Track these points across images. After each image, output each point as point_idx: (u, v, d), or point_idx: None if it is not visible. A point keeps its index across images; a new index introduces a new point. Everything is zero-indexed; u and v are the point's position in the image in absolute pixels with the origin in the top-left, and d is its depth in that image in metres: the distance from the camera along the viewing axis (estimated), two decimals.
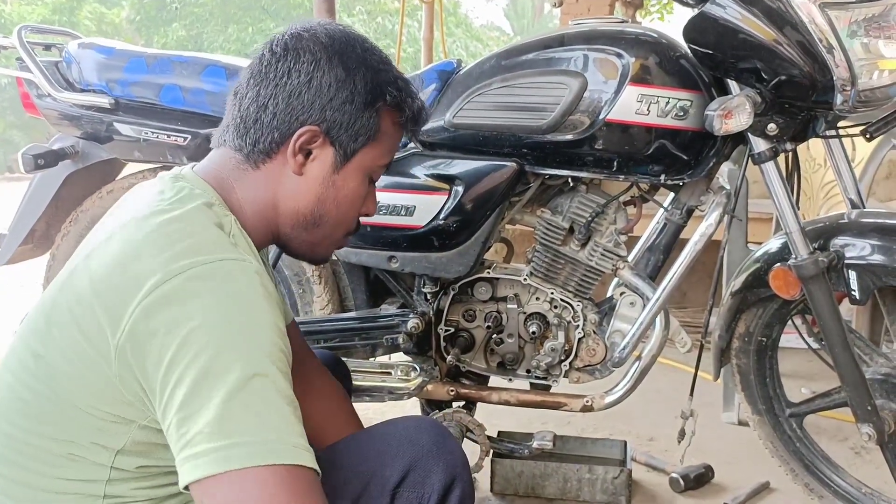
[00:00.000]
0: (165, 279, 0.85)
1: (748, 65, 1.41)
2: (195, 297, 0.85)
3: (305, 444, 0.85)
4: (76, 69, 1.82)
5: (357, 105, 1.03)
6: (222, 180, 1.04)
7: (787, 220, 1.50)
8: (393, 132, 1.11)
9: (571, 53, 1.54)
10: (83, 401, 0.90)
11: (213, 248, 0.90)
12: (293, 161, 1.03)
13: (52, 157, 1.85)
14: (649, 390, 1.67)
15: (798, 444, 1.82)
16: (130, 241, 0.91)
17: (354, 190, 1.08)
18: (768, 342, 1.77)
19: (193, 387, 0.81)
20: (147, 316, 0.84)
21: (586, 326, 1.69)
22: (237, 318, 0.85)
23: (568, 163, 1.57)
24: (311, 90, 1.02)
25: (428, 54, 5.27)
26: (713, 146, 1.53)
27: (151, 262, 0.87)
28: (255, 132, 1.03)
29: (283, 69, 1.02)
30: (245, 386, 0.82)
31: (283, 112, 1.02)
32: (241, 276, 0.88)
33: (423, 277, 1.72)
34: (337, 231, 1.11)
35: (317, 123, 1.02)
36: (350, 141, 1.04)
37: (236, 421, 0.81)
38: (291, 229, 1.08)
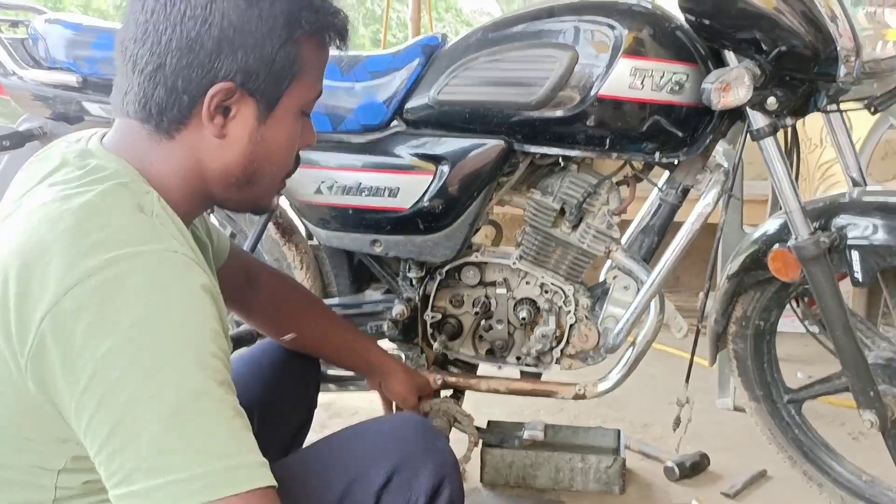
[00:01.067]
0: (76, 281, 0.73)
1: (747, 35, 1.34)
2: (112, 303, 0.73)
3: (258, 459, 0.76)
4: (42, 46, 1.73)
5: (271, 44, 0.88)
6: (136, 153, 0.89)
7: (787, 198, 1.44)
8: (318, 58, 0.96)
9: (561, 25, 1.47)
10: (8, 423, 0.80)
11: (132, 240, 0.77)
12: (211, 125, 0.89)
13: (17, 138, 1.76)
14: (642, 376, 1.61)
15: (796, 431, 1.77)
16: (34, 235, 0.78)
17: (287, 135, 0.95)
18: (766, 326, 1.71)
19: (121, 416, 0.71)
20: (57, 327, 0.73)
21: (578, 311, 1.62)
22: (164, 329, 0.74)
23: (558, 140, 1.50)
24: (212, 39, 0.85)
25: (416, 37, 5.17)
26: (710, 122, 1.47)
27: (60, 260, 0.75)
28: (158, 99, 0.87)
29: (173, 18, 0.85)
30: (181, 409, 0.72)
31: (186, 70, 0.85)
32: (167, 271, 0.77)
33: (408, 262, 1.65)
34: (276, 180, 1.00)
35: (229, 78, 0.87)
36: (271, 87, 0.90)
37: (176, 452, 0.71)
38: (225, 191, 0.95)
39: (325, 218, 1.63)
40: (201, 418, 0.73)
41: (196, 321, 0.77)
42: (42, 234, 0.78)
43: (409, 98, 1.56)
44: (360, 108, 1.57)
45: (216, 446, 0.73)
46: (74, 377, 0.73)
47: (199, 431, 0.73)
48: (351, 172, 1.58)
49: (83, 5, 17.44)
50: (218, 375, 0.77)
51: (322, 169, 1.59)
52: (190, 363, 0.74)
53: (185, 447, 0.72)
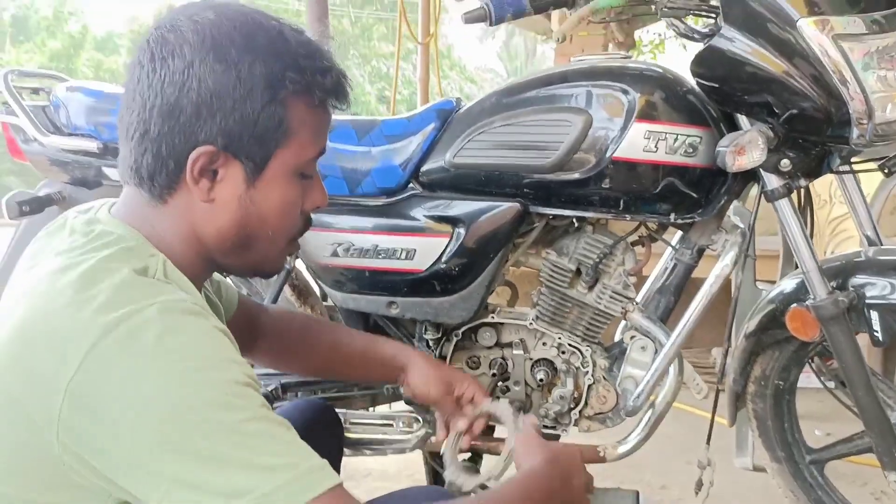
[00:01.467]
0: (92, 345, 0.74)
1: (759, 99, 1.36)
2: (134, 359, 0.74)
3: (319, 461, 0.79)
4: (63, 113, 1.76)
5: (252, 106, 0.86)
6: (139, 219, 0.91)
7: (804, 258, 1.44)
8: (312, 117, 0.93)
9: (575, 90, 1.49)
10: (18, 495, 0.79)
11: (134, 298, 0.77)
12: (196, 189, 0.88)
13: (37, 203, 1.78)
14: (658, 435, 1.59)
15: (820, 493, 1.74)
16: (45, 303, 0.79)
17: (281, 198, 0.93)
18: (785, 386, 1.70)
19: (180, 464, 0.73)
20: (83, 393, 0.73)
21: (596, 372, 1.61)
22: (192, 371, 0.75)
23: (573, 202, 1.51)
24: (191, 103, 0.85)
25: (424, 95, 5.26)
26: (724, 183, 1.48)
27: (70, 322, 0.76)
28: (148, 166, 0.88)
29: (155, 86, 0.85)
30: (236, 440, 0.74)
31: (169, 136, 0.86)
32: (177, 317, 0.78)
33: (424, 323, 1.64)
34: (276, 244, 0.97)
35: (210, 142, 0.86)
36: (256, 149, 0.88)
37: (247, 475, 0.74)
38: (224, 256, 0.95)
39: (340, 280, 1.63)
40: (256, 440, 0.76)
41: (219, 355, 0.79)
42: (45, 306, 0.79)
43: (424, 161, 1.58)
44: (376, 171, 1.59)
45: (278, 460, 0.76)
46: (117, 441, 0.73)
47: (261, 453, 0.75)
48: (367, 235, 1.59)
49: (94, 66, 17.79)
50: (255, 398, 0.79)
51: (338, 232, 1.60)
52: (228, 396, 0.76)
53: (254, 469, 0.74)
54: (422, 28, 5.06)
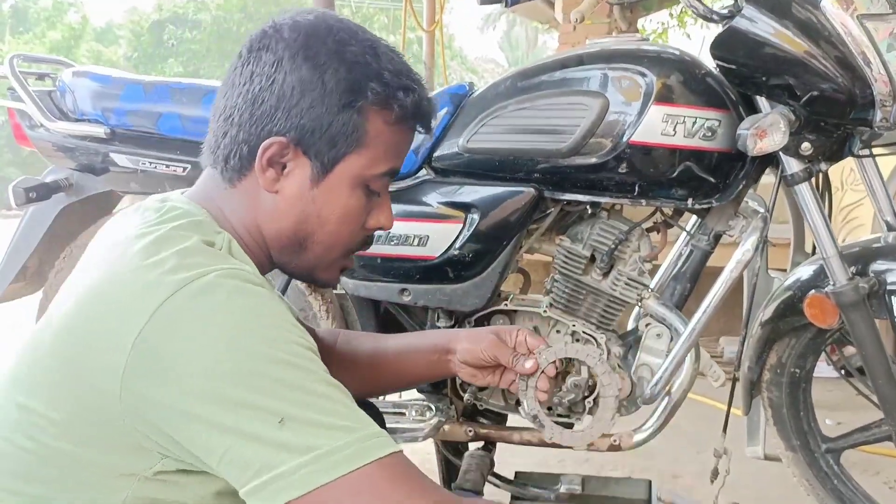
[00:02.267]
0: (163, 300, 0.76)
1: (780, 81, 1.34)
2: (204, 314, 0.76)
3: (377, 429, 0.79)
4: (70, 98, 1.74)
5: (329, 107, 0.89)
6: (209, 199, 0.94)
7: (824, 244, 1.42)
8: (388, 133, 0.94)
9: (591, 73, 1.46)
10: (75, 453, 0.80)
11: (209, 259, 0.80)
12: (263, 178, 0.91)
13: (44, 189, 1.77)
14: (668, 425, 1.58)
15: (835, 482, 1.72)
16: (116, 267, 0.82)
17: (344, 204, 0.94)
18: (802, 374, 1.68)
19: (248, 413, 0.74)
20: (152, 346, 0.75)
21: (611, 360, 1.59)
22: (262, 328, 0.77)
23: (589, 187, 1.49)
24: (273, 96, 0.89)
25: (430, 82, 5.23)
26: (742, 167, 1.45)
27: (138, 283, 0.78)
28: (224, 148, 0.92)
29: (245, 74, 0.91)
30: (304, 396, 0.75)
31: (248, 123, 0.90)
32: (243, 281, 0.80)
33: (437, 311, 1.62)
34: (332, 252, 0.98)
35: (284, 133, 0.90)
36: (327, 149, 0.91)
37: (311, 432, 0.74)
38: (280, 253, 0.97)
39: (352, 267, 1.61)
40: (323, 402, 0.76)
41: (284, 319, 0.80)
42: (122, 265, 0.81)
43: (437, 146, 1.56)
44: None
45: (343, 422, 0.76)
46: (181, 393, 0.74)
47: (324, 413, 0.76)
48: None
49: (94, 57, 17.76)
50: (318, 363, 0.80)
51: None
52: (293, 357, 0.77)
53: (318, 427, 0.75)
54: (427, 15, 5.02)
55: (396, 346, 1.24)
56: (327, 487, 0.72)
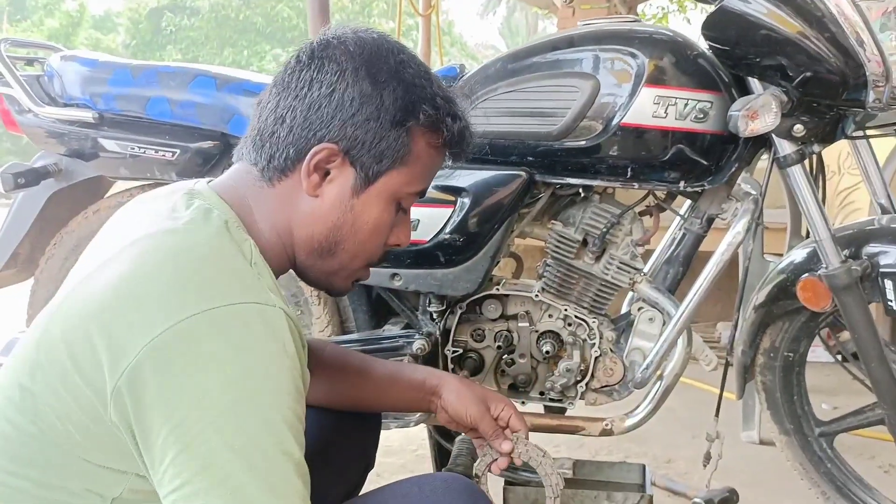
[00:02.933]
0: (182, 318, 0.75)
1: (772, 62, 1.32)
2: (213, 346, 0.75)
3: None
4: (58, 83, 1.73)
5: (383, 123, 0.93)
6: (240, 198, 0.94)
7: (817, 226, 1.41)
8: (428, 155, 0.98)
9: (582, 54, 1.45)
10: (71, 442, 0.80)
11: (238, 288, 0.80)
12: (307, 181, 0.93)
13: (32, 175, 1.75)
14: (663, 410, 1.57)
15: (829, 465, 1.72)
16: (141, 264, 0.81)
17: (377, 217, 0.97)
18: (795, 357, 1.67)
19: (209, 456, 0.73)
20: (155, 359, 0.74)
21: (603, 344, 1.59)
22: (261, 379, 0.77)
23: (580, 171, 1.47)
24: (331, 104, 0.92)
25: None
26: (735, 150, 1.44)
27: (166, 295, 0.77)
28: (270, 147, 0.94)
29: (304, 79, 0.93)
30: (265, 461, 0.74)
31: (301, 126, 0.92)
32: (266, 326, 0.79)
33: (428, 296, 1.61)
34: (355, 261, 1.00)
35: (335, 141, 0.92)
36: (373, 162, 0.94)
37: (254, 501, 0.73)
38: (307, 256, 0.98)
39: None
40: (281, 476, 0.75)
41: (287, 379, 0.79)
42: (148, 264, 0.81)
43: None
44: None
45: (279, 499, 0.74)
46: (169, 410, 0.74)
47: (278, 488, 0.74)
48: None
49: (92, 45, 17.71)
50: (298, 436, 0.79)
51: None
52: (279, 418, 0.77)
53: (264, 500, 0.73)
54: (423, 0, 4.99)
55: (385, 371, 1.23)
56: None
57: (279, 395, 0.77)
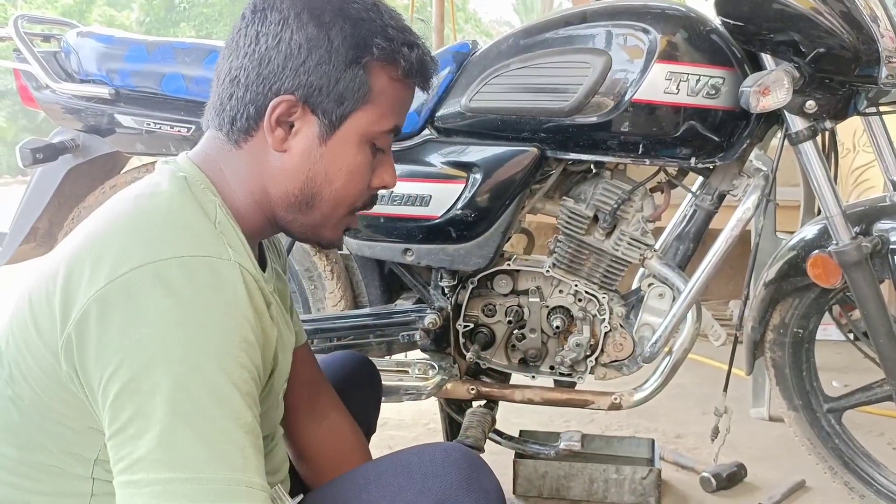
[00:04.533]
0: (127, 270, 0.76)
1: (785, 37, 1.32)
2: (153, 297, 0.76)
3: (262, 483, 0.76)
4: (75, 59, 1.74)
5: (336, 64, 0.89)
6: (211, 163, 0.94)
7: (828, 203, 1.41)
8: (393, 89, 0.94)
9: (594, 30, 1.45)
10: (41, 405, 0.82)
11: (189, 243, 0.80)
12: (272, 137, 0.91)
13: (50, 151, 1.78)
14: (672, 385, 1.58)
15: (837, 441, 1.73)
16: (103, 224, 0.83)
17: (350, 162, 0.94)
18: (805, 334, 1.68)
19: (140, 405, 0.73)
20: (101, 309, 0.76)
21: (612, 320, 1.60)
22: (199, 329, 0.76)
23: (592, 147, 1.48)
24: (280, 54, 0.89)
25: (439, 47, 5.18)
26: (746, 126, 1.44)
27: (118, 250, 0.78)
28: (231, 109, 0.92)
29: (250, 35, 0.91)
30: (200, 411, 0.73)
31: (255, 83, 0.90)
32: (213, 277, 0.79)
33: (440, 271, 1.63)
34: (338, 210, 0.97)
35: (292, 91, 0.90)
36: (335, 106, 0.91)
37: (184, 451, 0.72)
38: (286, 212, 0.96)
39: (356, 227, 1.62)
40: (216, 424, 0.74)
41: (232, 328, 0.78)
42: (107, 220, 0.83)
43: (440, 106, 1.56)
44: None
45: (223, 456, 0.74)
46: (106, 359, 0.75)
47: (211, 437, 0.73)
48: None
49: (107, 22, 17.71)
50: (243, 387, 0.78)
51: None
52: (217, 368, 0.76)
53: (193, 449, 0.72)
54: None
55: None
56: None
57: (222, 346, 0.77)
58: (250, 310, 0.81)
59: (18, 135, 16.05)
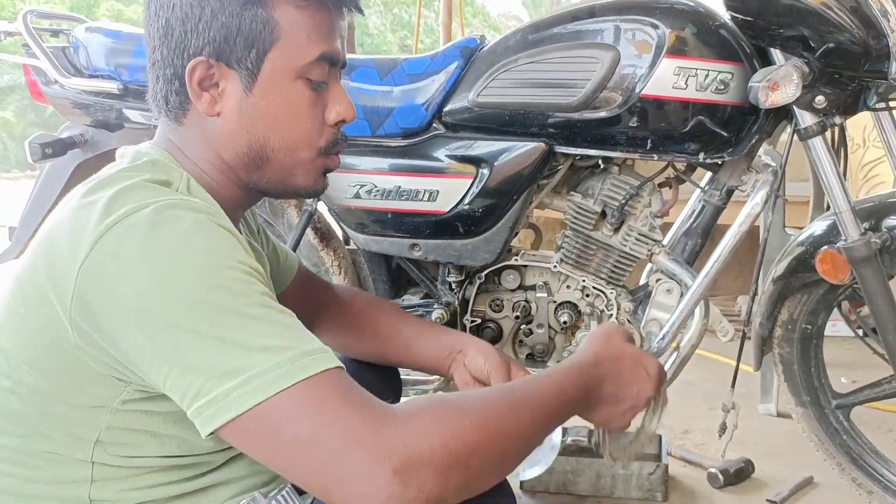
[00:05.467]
0: (101, 233, 0.77)
1: (794, 32, 1.32)
2: (139, 242, 0.76)
3: (318, 345, 0.77)
4: (84, 54, 1.74)
5: (231, 11, 0.87)
6: (169, 144, 0.93)
7: (837, 199, 1.41)
8: (304, 17, 0.90)
9: (602, 25, 1.45)
10: (45, 387, 0.83)
11: (152, 193, 0.80)
12: (200, 104, 0.90)
13: (59, 145, 1.78)
14: (682, 382, 1.59)
15: (845, 437, 1.73)
16: (65, 209, 0.84)
17: (282, 102, 0.91)
18: (813, 330, 1.68)
19: (176, 341, 0.74)
20: (92, 278, 0.76)
21: (620, 315, 1.60)
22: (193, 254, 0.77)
23: (600, 142, 1.48)
24: (179, 20, 0.88)
25: (446, 42, 5.18)
26: (755, 121, 1.44)
27: (89, 217, 0.79)
28: (161, 90, 0.91)
29: (152, 13, 0.90)
30: (232, 320, 0.74)
31: (170, 57, 0.89)
32: (181, 208, 0.79)
33: (447, 266, 1.63)
34: (296, 153, 0.94)
35: (200, 52, 0.88)
36: (246, 53, 0.88)
37: (241, 356, 0.73)
38: (248, 173, 0.94)
39: (363, 222, 1.62)
40: (256, 324, 0.75)
41: (220, 244, 0.79)
42: (75, 202, 0.83)
43: (448, 101, 1.55)
44: (398, 111, 1.57)
45: (275, 342, 0.74)
46: (122, 318, 0.75)
47: (257, 335, 0.74)
48: (390, 176, 1.57)
49: (114, 17, 17.73)
50: (256, 286, 0.79)
51: (360, 173, 1.59)
52: (227, 281, 0.76)
53: (249, 350, 0.73)
54: None
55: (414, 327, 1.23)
56: (260, 408, 0.72)
57: (219, 256, 0.78)
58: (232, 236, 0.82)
59: (27, 129, 16.10)
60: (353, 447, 0.70)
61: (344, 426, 0.71)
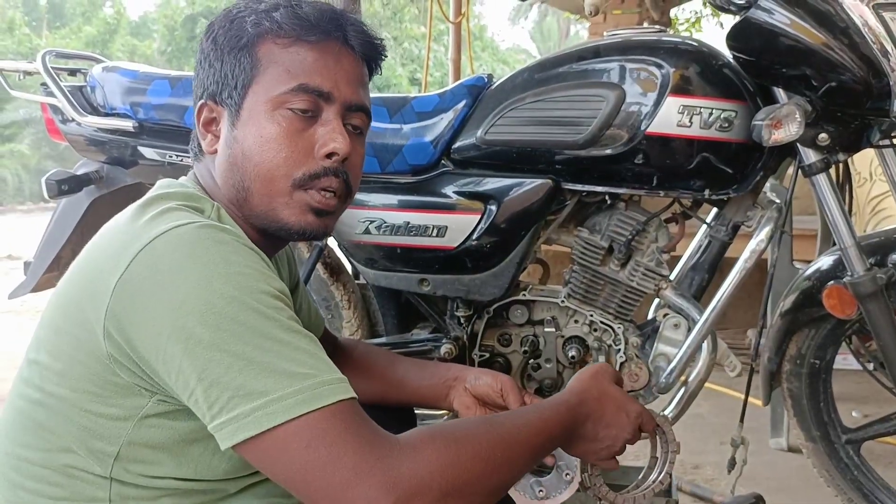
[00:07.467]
0: (145, 244, 0.82)
1: (797, 71, 1.34)
2: (178, 259, 0.81)
3: (337, 376, 0.82)
4: (100, 93, 1.79)
5: (224, 59, 0.97)
6: (196, 179, 1.03)
7: (842, 234, 1.42)
8: (284, 53, 0.95)
9: (608, 65, 1.47)
10: (72, 397, 0.86)
11: (188, 218, 0.86)
12: (204, 143, 1.00)
13: (75, 182, 1.82)
14: (689, 415, 1.58)
15: (856, 472, 1.72)
16: (109, 228, 0.91)
17: (258, 132, 0.94)
18: (821, 364, 1.68)
19: (207, 359, 0.78)
20: (128, 291, 0.81)
21: (628, 350, 1.61)
22: (227, 275, 0.81)
23: (606, 179, 1.50)
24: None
25: (456, 76, 5.23)
26: (759, 158, 1.46)
27: (128, 234, 0.85)
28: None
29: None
30: (261, 343, 0.79)
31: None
32: (215, 231, 0.85)
33: (456, 300, 1.65)
34: (272, 185, 0.95)
35: (201, 98, 1.00)
36: (231, 90, 0.97)
37: (267, 378, 0.77)
38: (241, 209, 0.98)
39: (372, 257, 1.64)
40: (283, 348, 0.80)
41: (255, 267, 0.84)
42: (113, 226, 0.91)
43: (456, 138, 1.58)
44: (407, 148, 1.59)
45: (299, 368, 0.79)
46: (156, 330, 0.79)
47: (283, 359, 0.79)
48: (399, 212, 1.59)
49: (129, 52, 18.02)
50: (285, 311, 0.83)
51: (370, 209, 1.61)
52: (260, 304, 0.81)
53: (274, 373, 0.78)
54: (454, 7, 5.02)
55: (408, 364, 1.27)
56: (277, 431, 0.76)
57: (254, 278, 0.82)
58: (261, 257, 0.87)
59: (41, 162, 16.29)
60: (362, 478, 0.76)
61: (353, 456, 0.77)
